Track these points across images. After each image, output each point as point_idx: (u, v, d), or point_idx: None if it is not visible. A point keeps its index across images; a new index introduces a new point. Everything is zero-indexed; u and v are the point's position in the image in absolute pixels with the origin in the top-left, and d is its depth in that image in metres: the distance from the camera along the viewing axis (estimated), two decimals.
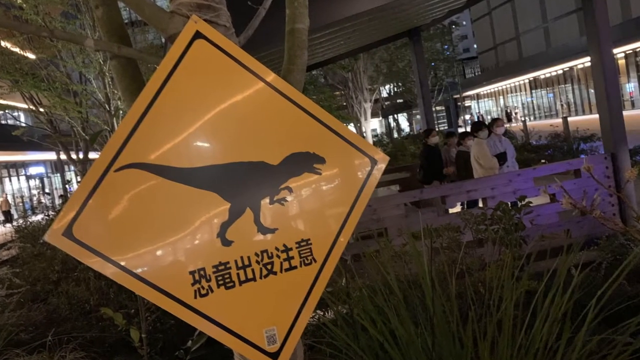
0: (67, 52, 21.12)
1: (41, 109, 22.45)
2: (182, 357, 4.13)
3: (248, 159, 2.73)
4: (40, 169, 58.36)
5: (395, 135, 71.90)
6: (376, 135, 61.08)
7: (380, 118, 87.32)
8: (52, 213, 17.98)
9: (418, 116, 68.05)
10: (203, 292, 2.60)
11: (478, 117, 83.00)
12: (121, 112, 20.74)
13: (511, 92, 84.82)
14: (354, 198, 2.95)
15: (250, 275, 2.69)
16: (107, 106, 21.11)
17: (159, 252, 2.56)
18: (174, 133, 2.62)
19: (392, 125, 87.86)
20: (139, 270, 2.51)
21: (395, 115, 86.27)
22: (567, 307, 3.77)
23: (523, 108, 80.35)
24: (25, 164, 54.92)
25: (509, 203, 7.52)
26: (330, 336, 4.47)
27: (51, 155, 47.58)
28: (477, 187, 9.59)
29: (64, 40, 4.14)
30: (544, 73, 71.03)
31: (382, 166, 3.04)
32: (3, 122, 45.64)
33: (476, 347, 3.82)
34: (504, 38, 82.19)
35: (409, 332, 3.97)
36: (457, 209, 11.44)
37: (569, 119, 28.95)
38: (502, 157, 11.50)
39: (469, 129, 15.25)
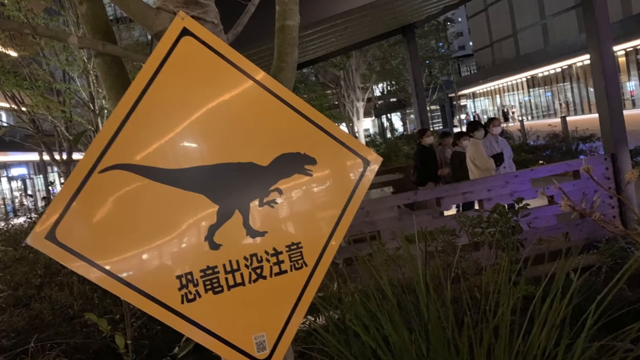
0: (50, 49, 21.06)
1: (23, 109, 22.36)
2: None
3: (236, 160, 2.73)
4: (22, 170, 58.14)
5: (389, 135, 72.03)
6: (369, 136, 61.10)
7: (373, 117, 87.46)
8: (35, 215, 17.91)
9: (412, 115, 68.44)
10: (190, 297, 2.59)
11: (474, 117, 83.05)
12: (106, 111, 20.65)
13: (508, 91, 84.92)
14: (346, 200, 2.95)
15: (239, 280, 2.69)
16: (91, 105, 21.06)
17: (145, 256, 2.56)
18: (161, 133, 2.61)
19: (385, 125, 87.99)
20: (124, 275, 2.50)
21: (389, 115, 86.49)
22: (566, 313, 3.78)
23: (520, 107, 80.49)
24: (7, 165, 54.71)
25: (506, 205, 7.54)
26: (321, 342, 4.46)
27: (34, 156, 47.40)
28: (473, 189, 9.60)
29: (47, 37, 4.14)
30: (542, 71, 71.14)
31: (375, 167, 3.04)
32: None
33: (472, 353, 3.82)
34: (500, 35, 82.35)
35: (403, 339, 3.98)
36: (453, 211, 11.44)
37: (568, 118, 29.10)
38: (498, 158, 11.51)
39: (464, 128, 15.27)
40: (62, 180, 28.49)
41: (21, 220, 20.77)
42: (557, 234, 9.52)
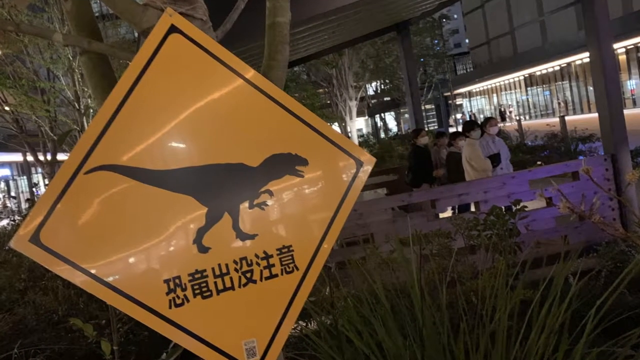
0: (34, 47, 21.03)
1: (6, 108, 22.31)
2: None
3: (226, 161, 2.72)
4: (5, 171, 57.93)
5: (383, 135, 72.02)
6: (362, 136, 61.22)
7: (367, 117, 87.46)
8: (18, 218, 17.88)
9: (406, 115, 68.25)
10: (178, 301, 2.59)
11: (470, 116, 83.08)
12: (92, 110, 20.64)
13: (505, 90, 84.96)
14: (339, 202, 2.94)
15: (228, 284, 2.68)
16: (76, 104, 21.03)
17: (131, 260, 2.55)
18: (148, 133, 2.61)
19: (379, 124, 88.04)
20: (110, 279, 2.50)
21: (382, 114, 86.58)
22: (565, 318, 3.78)
23: (518, 106, 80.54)
24: None
25: (503, 207, 7.54)
26: (313, 348, 4.46)
27: (17, 157, 47.31)
28: (469, 191, 9.61)
29: (31, 34, 4.13)
30: (540, 69, 71.20)
31: (368, 168, 3.04)
32: None
33: None
34: (497, 32, 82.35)
35: (397, 344, 3.98)
36: (448, 213, 11.45)
37: (567, 118, 29.05)
38: (495, 159, 11.50)
39: (460, 128, 15.28)
40: (47, 182, 28.41)
41: (4, 222, 20.72)
42: (555, 236, 9.51)
